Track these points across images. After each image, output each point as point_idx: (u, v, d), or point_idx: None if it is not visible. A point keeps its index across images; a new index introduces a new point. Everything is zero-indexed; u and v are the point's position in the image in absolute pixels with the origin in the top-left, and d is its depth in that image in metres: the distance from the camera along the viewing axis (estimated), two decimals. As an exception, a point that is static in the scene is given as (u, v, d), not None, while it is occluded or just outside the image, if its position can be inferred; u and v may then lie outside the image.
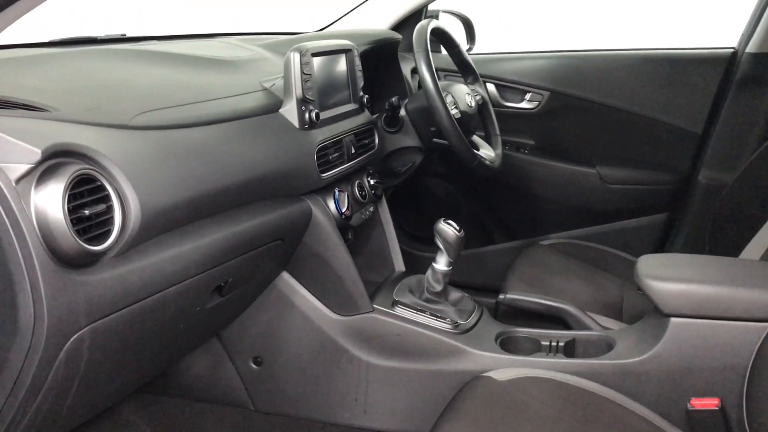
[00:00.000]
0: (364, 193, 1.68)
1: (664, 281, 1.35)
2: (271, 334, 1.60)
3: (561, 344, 1.52)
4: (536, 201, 2.38)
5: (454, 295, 1.66)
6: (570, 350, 1.52)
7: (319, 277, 1.55)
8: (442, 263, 1.57)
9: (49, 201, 0.87)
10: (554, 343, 1.52)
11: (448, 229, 1.53)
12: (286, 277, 1.56)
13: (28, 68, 1.25)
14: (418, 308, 1.56)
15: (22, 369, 0.90)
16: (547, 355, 1.49)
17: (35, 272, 0.86)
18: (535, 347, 1.54)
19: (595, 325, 1.61)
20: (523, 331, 1.58)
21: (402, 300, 1.58)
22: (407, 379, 1.54)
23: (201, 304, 1.24)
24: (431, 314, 1.55)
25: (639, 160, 2.31)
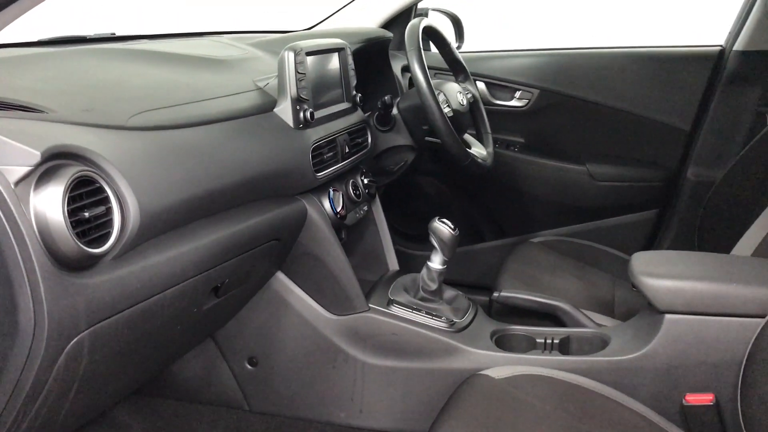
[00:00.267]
0: (358, 193, 1.68)
1: (659, 278, 1.36)
2: (266, 334, 1.59)
3: (556, 341, 1.53)
4: (526, 198, 2.39)
5: (449, 293, 1.67)
6: (565, 347, 1.53)
7: (314, 277, 1.55)
8: (437, 262, 1.57)
9: (49, 203, 0.85)
10: (549, 341, 1.53)
11: (444, 227, 1.53)
12: (281, 277, 1.55)
13: (20, 68, 1.23)
14: (414, 307, 1.56)
15: (22, 373, 0.89)
16: (543, 353, 1.50)
17: (35, 275, 0.85)
18: (530, 345, 1.55)
19: (589, 322, 1.62)
20: (518, 329, 1.58)
21: (397, 299, 1.58)
22: (403, 378, 1.54)
23: (198, 306, 1.23)
24: (427, 313, 1.55)
25: (628, 158, 2.32)
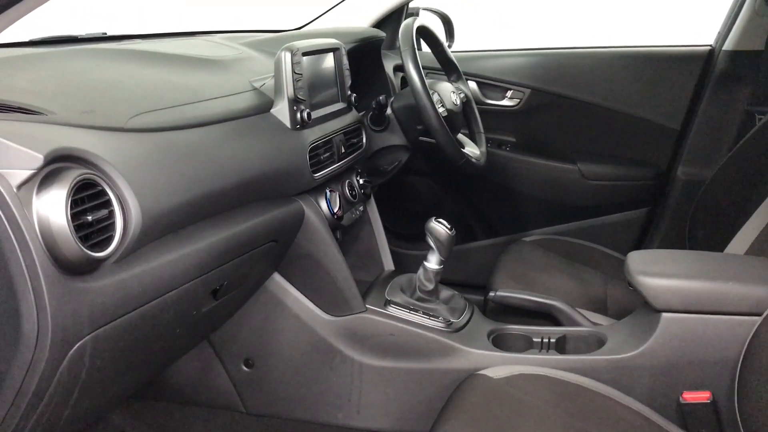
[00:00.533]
0: (354, 193, 1.68)
1: (655, 277, 1.37)
2: (263, 335, 1.58)
3: (552, 341, 1.53)
4: (518, 197, 2.40)
5: (445, 293, 1.67)
6: (561, 346, 1.53)
7: (311, 278, 1.54)
8: (433, 262, 1.57)
9: (52, 207, 0.84)
10: (546, 340, 1.53)
11: (440, 227, 1.53)
12: (278, 278, 1.55)
13: (14, 69, 1.21)
14: (411, 307, 1.56)
15: (24, 379, 0.88)
16: (540, 352, 1.51)
17: (38, 280, 0.84)
18: (527, 344, 1.55)
19: (585, 321, 1.62)
20: (515, 328, 1.59)
21: (394, 299, 1.57)
22: (401, 379, 1.54)
23: (197, 308, 1.22)
24: (424, 313, 1.55)
25: (619, 157, 2.34)
